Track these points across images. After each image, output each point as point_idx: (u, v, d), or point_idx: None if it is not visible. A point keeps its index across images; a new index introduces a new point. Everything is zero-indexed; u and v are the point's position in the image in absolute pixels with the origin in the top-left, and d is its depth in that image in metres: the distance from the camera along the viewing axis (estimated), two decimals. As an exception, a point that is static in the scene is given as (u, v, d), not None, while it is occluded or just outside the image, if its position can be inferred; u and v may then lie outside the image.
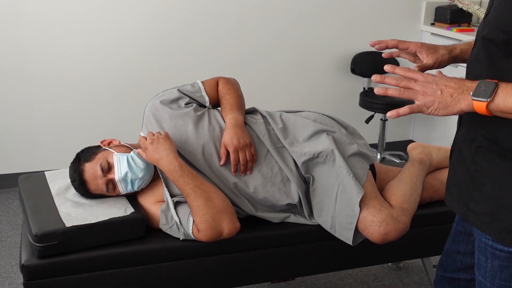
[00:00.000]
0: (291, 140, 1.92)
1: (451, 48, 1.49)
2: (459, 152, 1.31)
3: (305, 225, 1.92)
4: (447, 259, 1.50)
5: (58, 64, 3.24)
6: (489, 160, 1.21)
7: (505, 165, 1.18)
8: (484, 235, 1.24)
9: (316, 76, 3.81)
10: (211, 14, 3.45)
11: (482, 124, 1.18)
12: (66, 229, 1.68)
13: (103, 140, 1.93)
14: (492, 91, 1.08)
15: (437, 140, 3.92)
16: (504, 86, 1.09)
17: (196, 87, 2.01)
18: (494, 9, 1.17)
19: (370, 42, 1.48)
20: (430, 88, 1.15)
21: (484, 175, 1.22)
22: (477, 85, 1.10)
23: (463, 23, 3.81)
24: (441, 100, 1.13)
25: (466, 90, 1.11)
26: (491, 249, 1.23)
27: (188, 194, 1.73)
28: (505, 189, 1.18)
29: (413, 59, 1.55)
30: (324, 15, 3.69)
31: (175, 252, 1.80)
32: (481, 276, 1.28)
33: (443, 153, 2.14)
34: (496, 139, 1.19)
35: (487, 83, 1.10)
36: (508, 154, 1.17)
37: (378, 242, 1.81)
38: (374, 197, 1.83)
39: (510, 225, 1.18)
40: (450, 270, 1.49)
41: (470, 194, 1.25)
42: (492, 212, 1.21)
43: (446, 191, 1.38)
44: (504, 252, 1.21)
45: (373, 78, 1.23)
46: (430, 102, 1.14)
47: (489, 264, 1.25)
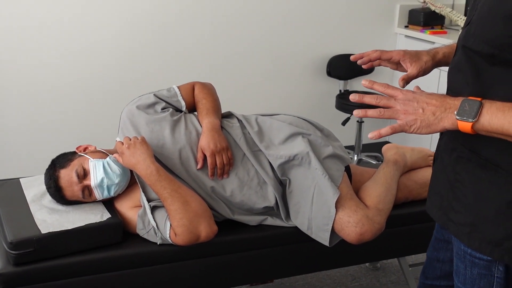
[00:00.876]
0: (267, 144, 1.93)
1: (433, 53, 1.47)
2: (441, 161, 1.29)
3: (282, 227, 1.94)
4: (428, 267, 1.50)
5: (32, 71, 3.21)
6: (469, 171, 1.19)
7: (485, 176, 1.16)
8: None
9: (292, 79, 3.84)
10: (188, 20, 3.45)
11: (463, 134, 1.13)
12: (41, 236, 1.67)
13: (79, 146, 1.92)
14: (477, 111, 1.05)
15: (413, 141, 3.97)
16: (488, 105, 1.05)
17: (172, 92, 2.01)
18: (479, 20, 1.13)
19: (351, 57, 1.42)
20: (411, 106, 1.12)
21: (465, 185, 1.20)
22: (461, 104, 1.07)
23: (436, 25, 3.87)
24: (423, 118, 1.10)
25: (449, 109, 1.08)
26: (470, 257, 1.22)
27: (165, 198, 1.74)
28: (485, 200, 1.16)
29: (395, 67, 1.52)
30: (299, 18, 3.71)
31: (153, 256, 1.80)
32: (460, 283, 1.28)
33: (416, 153, 2.18)
34: (477, 149, 1.16)
35: (471, 102, 1.06)
36: (489, 165, 1.15)
37: (354, 243, 1.83)
38: (349, 198, 1.85)
39: (489, 236, 1.16)
40: (431, 278, 1.49)
41: (451, 203, 1.23)
42: (472, 222, 1.19)
43: (428, 199, 1.37)
44: (483, 261, 1.20)
45: (352, 98, 1.19)
46: (412, 121, 1.11)
47: (468, 272, 1.24)
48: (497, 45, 1.08)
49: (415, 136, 3.94)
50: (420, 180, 2.13)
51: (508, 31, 1.05)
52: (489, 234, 1.16)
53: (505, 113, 1.04)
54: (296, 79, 3.84)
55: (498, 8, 1.07)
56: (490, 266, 1.20)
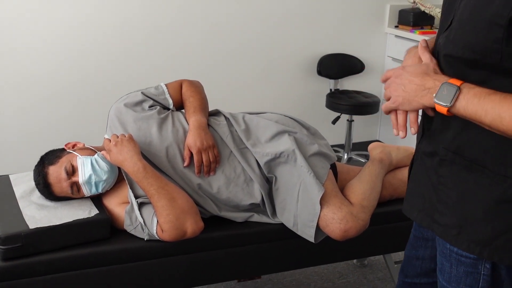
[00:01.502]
0: (254, 141, 1.96)
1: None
2: (422, 163, 1.30)
3: (269, 224, 1.96)
4: (407, 265, 1.51)
5: (21, 67, 3.22)
6: (454, 173, 1.19)
7: (470, 177, 1.16)
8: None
9: (283, 78, 3.86)
10: (179, 20, 3.46)
11: (446, 137, 1.17)
12: (29, 231, 1.69)
13: (68, 143, 1.94)
14: (453, 96, 1.08)
15: (402, 139, 4.00)
16: (466, 91, 1.08)
17: (160, 89, 2.03)
18: (459, 25, 1.12)
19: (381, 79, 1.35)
20: (395, 84, 1.18)
21: (449, 187, 1.20)
22: (440, 88, 1.10)
23: (425, 25, 3.90)
24: (405, 95, 1.15)
25: (429, 89, 1.12)
26: (456, 255, 1.23)
27: (152, 195, 1.76)
28: (471, 202, 1.17)
29: None
30: (290, 18, 3.74)
31: (140, 252, 1.82)
32: (445, 281, 1.28)
33: (402, 152, 2.21)
34: (460, 151, 1.17)
35: (450, 87, 1.09)
36: (474, 166, 1.15)
37: (338, 239, 1.86)
38: (334, 195, 1.88)
39: (478, 236, 1.17)
40: (411, 276, 1.50)
41: (434, 206, 1.24)
42: (459, 224, 1.19)
43: (405, 201, 1.37)
44: (470, 259, 1.21)
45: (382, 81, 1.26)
46: (395, 97, 1.17)
47: (454, 270, 1.25)
48: (479, 50, 1.07)
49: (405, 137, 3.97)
50: (405, 178, 2.16)
51: (492, 36, 1.04)
52: (478, 234, 1.17)
53: (480, 99, 1.06)
54: (286, 78, 3.87)
55: (480, 13, 1.06)
56: (477, 264, 1.20)
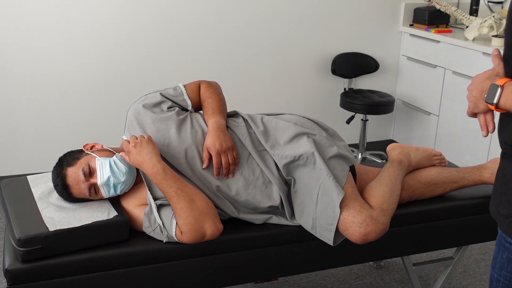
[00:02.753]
0: (272, 143, 1.94)
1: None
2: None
3: (287, 226, 1.95)
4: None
5: (40, 67, 3.23)
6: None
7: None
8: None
9: (297, 78, 3.84)
10: (194, 22, 3.46)
11: (504, 131, 1.28)
12: (49, 233, 1.68)
13: (86, 144, 1.93)
14: (496, 94, 1.22)
15: (416, 139, 3.98)
16: (508, 87, 1.21)
17: (178, 90, 2.02)
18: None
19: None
20: (468, 91, 1.35)
21: (509, 179, 1.28)
22: (488, 89, 1.25)
23: (441, 24, 3.87)
24: (473, 100, 1.32)
25: (483, 92, 1.28)
26: (504, 241, 1.30)
27: (171, 197, 1.75)
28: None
29: None
30: (304, 17, 3.72)
31: (159, 254, 1.81)
32: (491, 268, 1.35)
33: (421, 153, 2.19)
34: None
35: (494, 86, 1.23)
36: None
37: (358, 243, 1.84)
38: (354, 199, 1.86)
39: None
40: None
41: (501, 197, 1.32)
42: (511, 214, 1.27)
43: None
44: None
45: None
46: (469, 102, 1.34)
47: (499, 256, 1.32)
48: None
49: (419, 135, 3.95)
50: (424, 180, 2.14)
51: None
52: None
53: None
54: (301, 78, 3.85)
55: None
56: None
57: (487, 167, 2.19)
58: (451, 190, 2.18)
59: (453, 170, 2.18)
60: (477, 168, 2.20)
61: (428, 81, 3.80)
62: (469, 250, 2.87)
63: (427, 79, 3.81)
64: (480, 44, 3.34)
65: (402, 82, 4.09)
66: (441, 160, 2.23)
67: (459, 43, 3.47)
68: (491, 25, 3.40)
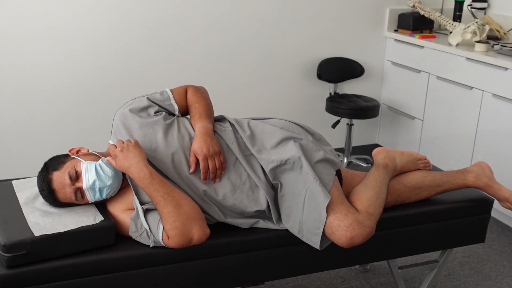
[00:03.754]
0: (259, 148, 1.95)
1: None
2: None
3: (274, 230, 1.96)
4: None
5: (24, 72, 3.21)
6: None
7: None
8: None
9: (283, 82, 3.86)
10: (179, 23, 3.46)
11: None
12: (35, 239, 1.67)
13: (72, 148, 1.92)
14: None
15: (401, 144, 4.01)
16: None
17: (165, 95, 2.02)
18: None
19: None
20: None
21: None
22: None
23: (425, 29, 3.92)
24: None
25: None
26: None
27: (158, 201, 1.75)
28: None
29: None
30: (290, 22, 3.74)
31: (145, 259, 1.81)
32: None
33: (406, 157, 2.21)
34: None
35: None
36: None
37: (344, 246, 1.85)
38: (340, 203, 1.87)
39: None
40: None
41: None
42: None
43: None
44: None
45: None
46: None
47: None
48: None
49: (403, 139, 3.98)
50: (409, 184, 2.16)
51: None
52: None
53: None
54: (287, 82, 3.87)
55: None
56: None
57: (470, 171, 2.22)
58: (436, 194, 2.21)
59: (437, 174, 2.21)
60: (461, 172, 2.22)
61: (413, 86, 3.84)
62: (453, 253, 2.90)
63: (412, 84, 3.85)
64: (463, 49, 3.38)
65: (387, 86, 4.12)
66: (425, 164, 2.25)
67: (443, 49, 3.51)
68: (474, 31, 3.45)
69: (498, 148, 3.15)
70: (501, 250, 2.98)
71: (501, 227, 3.23)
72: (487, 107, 3.21)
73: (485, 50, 3.29)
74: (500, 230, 3.20)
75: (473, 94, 3.31)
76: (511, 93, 3.04)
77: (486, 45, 3.30)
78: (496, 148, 3.16)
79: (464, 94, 3.38)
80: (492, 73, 3.15)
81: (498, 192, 2.17)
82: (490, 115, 3.20)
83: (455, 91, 3.45)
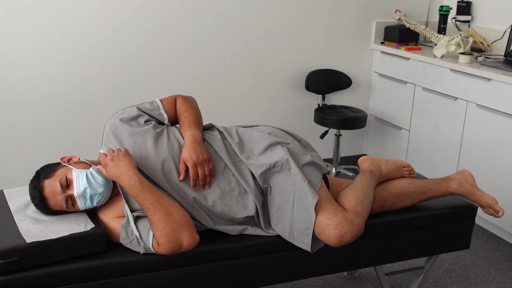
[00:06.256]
0: (248, 154, 1.99)
1: None
2: None
3: (262, 237, 1.99)
4: None
5: (13, 82, 3.23)
6: None
7: None
8: None
9: (272, 94, 3.91)
10: (169, 35, 3.50)
11: None
12: (26, 245, 1.69)
13: (63, 157, 1.95)
14: None
15: (389, 154, 4.07)
16: None
17: (155, 105, 2.06)
18: None
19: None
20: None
21: None
22: None
23: (411, 41, 3.99)
24: None
25: None
26: None
27: (148, 209, 1.78)
28: None
29: None
30: (279, 34, 3.80)
31: (136, 266, 1.83)
32: None
33: (391, 164, 2.26)
34: None
35: None
36: None
37: (334, 245, 1.89)
38: (328, 202, 1.92)
39: None
40: None
41: None
42: None
43: None
44: None
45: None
46: None
47: None
48: None
49: (390, 150, 4.03)
50: (394, 191, 2.21)
51: None
52: None
53: None
54: (275, 94, 3.92)
55: None
56: None
57: (454, 179, 2.27)
58: (421, 201, 2.25)
59: (422, 182, 2.26)
60: (444, 179, 2.28)
61: (399, 97, 3.90)
62: (440, 260, 2.94)
63: (398, 95, 3.91)
64: (448, 61, 3.45)
65: (374, 98, 4.18)
66: (410, 171, 2.31)
67: (428, 60, 3.58)
68: (458, 43, 3.52)
69: (483, 157, 3.21)
70: (486, 257, 3.03)
71: (487, 235, 3.28)
72: (472, 117, 3.28)
73: (469, 61, 3.36)
74: (485, 238, 3.25)
75: (458, 104, 3.37)
76: (494, 103, 3.11)
77: (470, 56, 3.37)
78: (481, 157, 3.22)
79: (449, 105, 3.45)
80: (476, 84, 3.22)
81: (481, 198, 2.22)
82: (475, 125, 3.26)
83: (440, 101, 3.51)
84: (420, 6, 4.16)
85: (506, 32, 3.65)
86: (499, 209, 2.20)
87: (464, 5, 3.93)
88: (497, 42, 3.74)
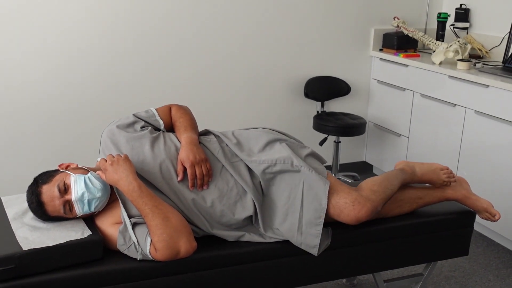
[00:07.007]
0: (247, 153, 2.03)
1: None
2: None
3: (260, 244, 1.99)
4: None
5: (10, 89, 3.23)
6: None
7: None
8: None
9: (271, 101, 3.91)
10: (165, 41, 3.51)
11: None
12: (23, 253, 1.69)
13: (61, 163, 1.96)
14: None
15: (388, 161, 4.07)
16: None
17: (150, 113, 2.11)
18: None
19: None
20: None
21: None
22: None
23: (409, 48, 4.00)
24: None
25: None
26: None
27: (146, 214, 1.78)
28: None
29: None
30: (278, 41, 3.81)
31: (133, 272, 1.83)
32: None
33: (426, 166, 2.25)
34: None
35: None
36: None
37: (353, 222, 1.94)
38: (340, 183, 1.98)
39: None
40: None
41: None
42: None
43: None
44: None
45: None
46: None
47: None
48: None
49: (390, 157, 4.03)
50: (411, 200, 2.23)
51: None
52: None
53: None
54: (275, 101, 3.92)
55: None
56: None
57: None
58: (418, 207, 2.25)
59: (417, 187, 2.27)
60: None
61: (398, 104, 3.91)
62: (439, 267, 2.93)
63: (397, 102, 3.92)
64: (446, 67, 3.46)
65: (373, 104, 4.19)
66: (449, 174, 2.25)
67: (427, 67, 3.58)
68: (457, 50, 3.53)
69: (482, 163, 3.21)
70: (486, 264, 3.02)
71: (487, 242, 3.27)
72: (470, 123, 3.28)
73: (467, 68, 3.37)
74: (485, 244, 3.24)
75: (457, 111, 3.38)
76: (492, 109, 3.11)
77: (468, 63, 3.38)
78: (480, 163, 3.22)
79: (447, 111, 3.45)
80: (474, 91, 3.23)
81: (476, 203, 2.22)
82: (473, 131, 3.27)
83: (439, 108, 3.52)
84: (418, 13, 4.18)
85: (504, 38, 3.66)
86: (495, 213, 2.20)
87: (462, 12, 3.95)
88: (495, 48, 3.75)
